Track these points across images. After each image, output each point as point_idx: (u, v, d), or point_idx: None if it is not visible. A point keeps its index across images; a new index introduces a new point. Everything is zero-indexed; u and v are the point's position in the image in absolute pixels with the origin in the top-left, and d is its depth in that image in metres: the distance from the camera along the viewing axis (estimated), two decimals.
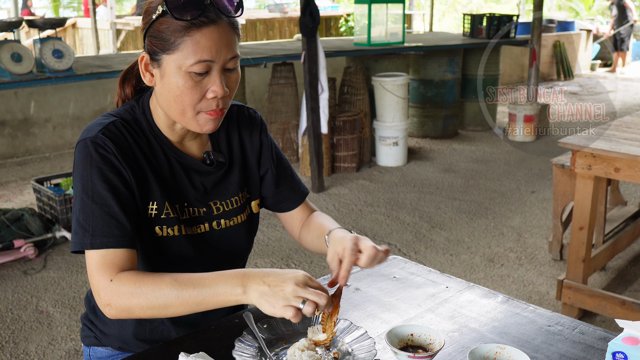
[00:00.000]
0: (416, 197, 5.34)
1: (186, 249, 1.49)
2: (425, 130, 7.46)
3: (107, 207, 1.35)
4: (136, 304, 1.29)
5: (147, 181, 1.44)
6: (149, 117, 1.48)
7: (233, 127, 1.61)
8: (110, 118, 1.44)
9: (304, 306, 1.21)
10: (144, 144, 1.45)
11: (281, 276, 1.24)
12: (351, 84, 6.12)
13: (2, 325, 3.37)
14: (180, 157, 1.49)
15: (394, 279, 1.75)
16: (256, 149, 1.63)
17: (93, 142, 1.38)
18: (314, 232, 1.63)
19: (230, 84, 1.39)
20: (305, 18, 5.17)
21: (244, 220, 1.60)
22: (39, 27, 4.47)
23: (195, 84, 1.34)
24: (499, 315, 1.55)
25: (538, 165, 6.28)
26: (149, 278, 1.30)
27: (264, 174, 1.65)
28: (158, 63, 1.36)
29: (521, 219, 4.86)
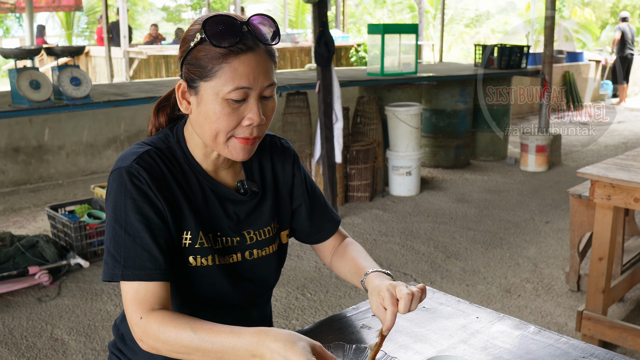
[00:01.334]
0: (430, 227, 5.32)
1: (219, 279, 1.49)
2: (437, 160, 7.46)
3: (139, 239, 1.35)
4: (162, 347, 1.29)
5: (181, 211, 1.44)
6: (183, 146, 1.48)
7: (266, 156, 1.61)
8: (144, 147, 1.44)
9: None
10: (178, 173, 1.45)
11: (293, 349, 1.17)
12: (364, 113, 6.14)
13: (17, 353, 3.35)
14: (215, 186, 1.49)
15: (423, 309, 1.73)
16: (288, 181, 1.64)
17: (128, 171, 1.38)
18: (348, 267, 1.65)
19: (267, 111, 1.39)
20: (321, 48, 5.21)
21: (275, 250, 1.61)
22: (57, 54, 4.51)
23: (232, 110, 1.34)
24: (532, 347, 1.53)
25: (551, 196, 6.25)
26: (172, 324, 1.28)
27: (296, 208, 1.66)
28: (195, 90, 1.37)
29: (536, 250, 4.83)
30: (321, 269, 4.42)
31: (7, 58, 4.40)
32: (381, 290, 1.42)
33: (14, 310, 3.83)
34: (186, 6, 23.87)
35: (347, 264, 1.65)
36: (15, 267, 4.17)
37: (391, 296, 1.39)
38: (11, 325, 3.65)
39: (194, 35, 1.36)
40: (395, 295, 1.40)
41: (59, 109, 4.34)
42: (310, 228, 1.69)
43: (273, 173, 1.61)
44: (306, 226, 1.68)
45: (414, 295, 1.40)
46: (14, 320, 3.71)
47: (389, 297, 1.39)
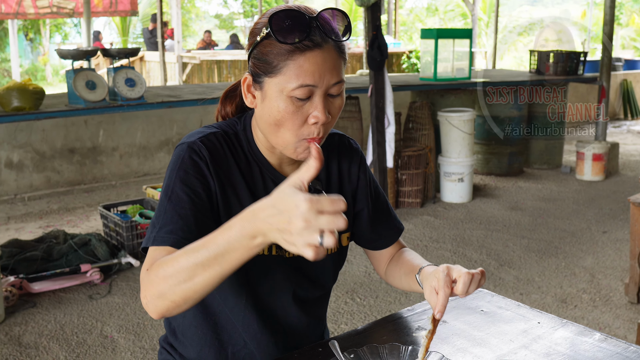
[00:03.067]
0: (483, 234, 5.20)
1: (272, 270, 1.45)
2: (489, 167, 7.31)
3: (179, 207, 1.31)
4: (165, 286, 1.17)
5: (238, 196, 1.40)
6: (249, 136, 1.45)
7: (333, 155, 1.56)
8: (212, 129, 1.43)
9: (325, 239, 0.99)
10: (241, 160, 1.43)
11: (283, 216, 1.01)
12: (416, 119, 6.06)
13: (68, 348, 3.38)
14: (277, 178, 1.45)
15: (481, 312, 1.66)
16: (353, 183, 1.58)
17: (190, 147, 1.37)
18: (403, 269, 1.58)
19: (333, 110, 1.34)
20: (374, 51, 5.16)
21: (334, 252, 1.56)
22: (113, 56, 4.58)
23: (297, 108, 1.29)
24: (599, 354, 1.45)
25: (609, 205, 6.06)
26: (169, 256, 1.19)
27: (359, 211, 1.61)
28: (260, 85, 1.33)
29: (594, 260, 4.67)
30: (371, 274, 4.35)
31: (64, 59, 4.48)
32: (436, 273, 1.35)
33: (66, 306, 3.87)
34: (238, 14, 24.14)
35: (401, 267, 1.59)
36: (68, 264, 4.22)
37: (446, 277, 1.31)
38: (62, 321, 3.69)
39: (261, 29, 1.32)
40: (451, 277, 1.32)
41: (113, 109, 4.39)
42: (371, 234, 1.63)
43: (339, 173, 1.56)
44: (367, 231, 1.62)
45: (474, 276, 1.32)
46: (65, 316, 3.75)
47: (444, 277, 1.31)
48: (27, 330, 3.57)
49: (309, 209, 0.99)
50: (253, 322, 1.49)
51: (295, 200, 1.00)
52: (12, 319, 3.70)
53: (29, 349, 3.38)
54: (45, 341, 3.47)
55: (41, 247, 4.38)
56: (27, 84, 4.22)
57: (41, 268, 4.18)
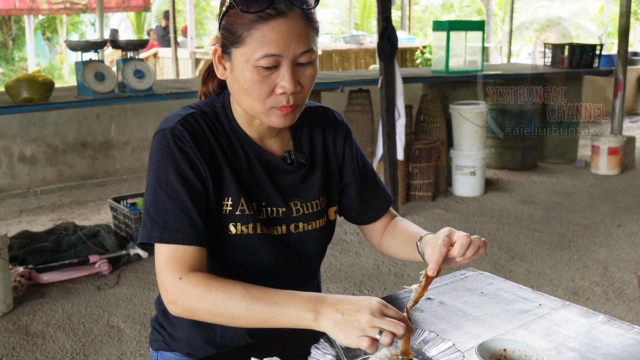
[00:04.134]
0: (494, 228, 5.14)
1: (259, 250, 1.42)
2: (503, 161, 7.24)
3: (179, 201, 1.30)
4: (203, 308, 1.24)
5: (222, 176, 1.38)
6: (228, 112, 1.43)
7: (317, 128, 1.53)
8: (189, 110, 1.41)
9: (381, 337, 1.12)
10: (222, 138, 1.41)
11: (356, 304, 1.16)
12: (428, 111, 6.01)
13: (74, 338, 3.38)
14: (260, 153, 1.43)
15: (481, 294, 1.62)
16: (339, 157, 1.56)
17: (171, 133, 1.34)
18: (400, 238, 1.55)
19: (304, 79, 1.31)
20: (384, 43, 5.12)
21: (322, 226, 1.52)
22: (122, 48, 4.57)
23: (263, 78, 1.27)
24: (600, 336, 1.41)
25: (624, 199, 5.97)
26: (220, 284, 1.24)
27: (346, 185, 1.58)
28: (229, 56, 1.32)
29: (607, 253, 4.60)
30: (379, 266, 4.32)
31: (73, 50, 4.48)
32: (437, 234, 1.34)
33: (74, 297, 3.87)
34: None
35: (398, 236, 1.55)
36: (77, 255, 4.23)
37: (445, 237, 1.31)
38: (70, 311, 3.69)
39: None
40: (450, 238, 1.31)
41: (122, 100, 4.39)
42: (360, 207, 1.60)
43: (324, 146, 1.53)
44: (356, 205, 1.59)
45: (472, 241, 1.30)
46: (72, 306, 3.75)
47: (443, 237, 1.30)
48: (35, 320, 3.58)
49: (379, 308, 1.14)
50: None
51: (371, 300, 1.16)
52: (20, 308, 3.71)
53: (36, 338, 3.38)
54: (52, 330, 3.47)
55: (50, 238, 4.39)
56: (37, 75, 4.22)
57: (50, 259, 4.19)
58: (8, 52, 18.34)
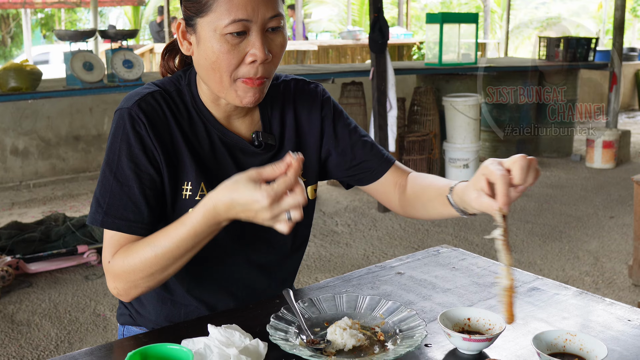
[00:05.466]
0: (485, 219, 5.12)
1: (222, 236, 1.32)
2: (497, 155, 7.19)
3: (127, 187, 1.26)
4: (137, 278, 1.24)
5: (181, 160, 1.32)
6: (193, 90, 1.36)
7: (289, 104, 1.44)
8: (151, 88, 1.34)
9: (292, 215, 1.09)
10: (183, 119, 1.34)
11: (249, 209, 1.11)
12: (421, 103, 5.99)
13: (60, 326, 3.36)
14: (224, 134, 1.36)
15: (453, 269, 1.60)
16: (316, 129, 1.46)
17: (128, 114, 1.28)
18: (425, 195, 1.37)
19: (274, 47, 1.24)
20: (375, 34, 5.10)
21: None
22: (111, 38, 4.55)
23: (232, 47, 1.20)
24: (570, 307, 1.39)
25: (618, 192, 5.95)
26: (132, 249, 1.24)
27: (328, 156, 1.48)
28: (193, 28, 1.25)
29: (598, 243, 4.58)
30: (369, 257, 4.30)
31: (62, 40, 4.47)
32: (483, 170, 1.15)
33: (61, 286, 3.86)
34: None
35: (423, 193, 1.38)
36: (65, 245, 4.21)
37: (498, 166, 1.12)
38: (57, 300, 3.67)
39: None
40: (503, 165, 1.12)
41: (110, 90, 4.37)
42: (355, 165, 1.47)
43: (296, 124, 1.44)
44: (349, 163, 1.47)
45: (531, 162, 1.12)
46: (59, 295, 3.73)
47: (496, 168, 1.12)
48: (21, 309, 3.56)
49: (270, 203, 1.08)
50: (203, 286, 1.42)
51: (254, 196, 1.09)
52: (7, 297, 3.69)
53: (21, 326, 3.36)
54: (37, 319, 3.45)
55: (39, 229, 4.37)
56: (24, 64, 4.21)
57: (39, 249, 4.17)
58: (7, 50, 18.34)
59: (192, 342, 1.14)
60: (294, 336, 1.20)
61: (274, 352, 1.13)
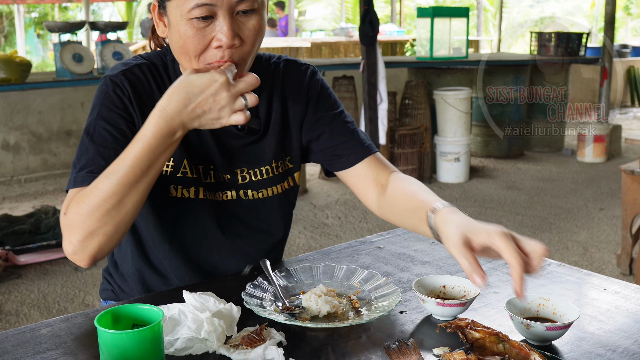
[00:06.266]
0: (476, 211, 5.13)
1: (201, 216, 1.34)
2: (489, 149, 7.23)
3: (103, 148, 1.23)
4: (92, 221, 1.13)
5: None
6: (177, 67, 1.35)
7: (277, 87, 1.41)
8: (138, 60, 1.34)
9: (247, 100, 1.10)
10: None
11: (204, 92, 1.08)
12: (412, 97, 6.00)
13: (48, 315, 3.36)
14: None
15: (432, 243, 1.61)
16: (302, 112, 1.42)
17: (112, 81, 1.28)
18: (406, 204, 1.30)
19: (246, 32, 1.20)
20: (365, 26, 5.10)
21: (280, 193, 1.42)
22: (100, 30, 4.55)
23: (198, 31, 1.17)
24: (548, 276, 1.40)
25: (608, 185, 5.97)
26: (87, 189, 1.16)
27: (309, 139, 1.44)
28: (165, 11, 1.23)
29: (588, 234, 4.59)
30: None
31: (52, 32, 4.47)
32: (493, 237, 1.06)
33: (50, 277, 3.85)
34: None
35: (403, 200, 1.31)
36: (55, 237, 4.20)
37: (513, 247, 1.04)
38: (46, 291, 3.67)
39: None
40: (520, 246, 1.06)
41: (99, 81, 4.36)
42: (333, 148, 1.41)
43: (282, 108, 1.41)
44: (323, 144, 1.42)
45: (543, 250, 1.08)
46: (49, 286, 3.73)
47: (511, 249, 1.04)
48: (10, 299, 3.55)
49: (227, 79, 1.07)
50: (182, 268, 1.41)
51: (209, 77, 1.08)
52: None
53: (9, 316, 3.36)
54: (26, 309, 3.45)
55: (29, 221, 4.37)
56: (14, 56, 4.20)
57: (28, 241, 4.17)
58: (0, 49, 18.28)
59: (167, 308, 1.14)
60: (269, 303, 1.21)
61: (249, 317, 1.14)
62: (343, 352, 1.07)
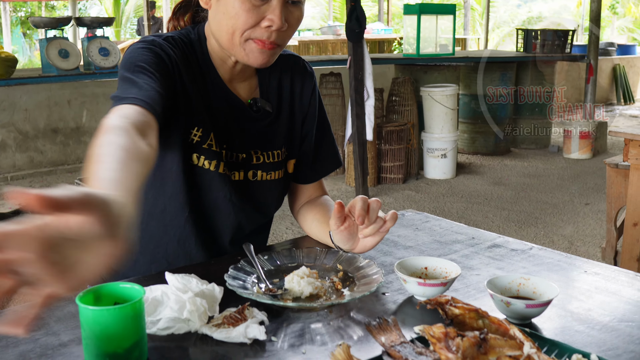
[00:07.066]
0: (463, 207, 5.16)
1: (216, 188, 1.39)
2: (476, 146, 7.26)
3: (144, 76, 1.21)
4: None
5: (195, 104, 1.34)
6: (203, 45, 1.39)
7: (286, 77, 1.50)
8: (167, 34, 1.37)
9: None
10: (196, 68, 1.37)
11: None
12: (399, 94, 6.02)
13: None
14: (228, 95, 1.40)
15: (415, 229, 1.62)
16: (304, 107, 1.52)
17: (152, 42, 1.29)
18: (318, 215, 1.49)
19: (291, 19, 1.29)
20: (352, 23, 5.11)
21: (281, 177, 1.50)
22: (87, 25, 4.54)
23: (253, 7, 1.25)
24: (529, 259, 1.41)
25: (594, 180, 6.01)
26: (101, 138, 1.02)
27: (306, 134, 1.54)
28: None
29: (573, 229, 4.63)
30: None
31: (37, 27, 4.45)
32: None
33: None
34: None
35: (317, 212, 1.50)
36: None
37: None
38: None
39: None
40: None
41: (85, 77, 4.36)
42: (312, 163, 1.56)
43: (291, 94, 1.50)
44: (309, 158, 1.55)
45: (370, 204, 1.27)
46: None
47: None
48: None
49: None
50: (191, 238, 1.44)
51: None
52: None
53: None
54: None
55: (15, 218, 4.34)
56: None
57: None
58: None
59: (149, 289, 1.14)
60: (251, 285, 1.21)
61: (231, 299, 1.14)
62: (325, 331, 1.07)
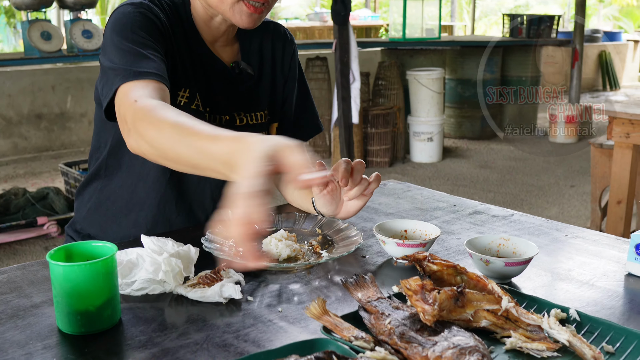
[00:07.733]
0: (449, 189, 5.16)
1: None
2: (462, 131, 7.26)
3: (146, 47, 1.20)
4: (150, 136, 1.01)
5: (181, 65, 1.33)
6: (187, 8, 1.37)
7: (267, 41, 1.50)
8: None
9: None
10: (180, 30, 1.35)
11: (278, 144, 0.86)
12: (386, 78, 6.00)
13: None
14: (211, 58, 1.39)
15: (397, 198, 1.61)
16: (285, 72, 1.53)
17: (139, 3, 1.26)
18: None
19: None
20: (337, 5, 5.08)
21: None
22: (69, 7, 4.48)
23: None
24: (510, 224, 1.41)
25: (579, 163, 6.04)
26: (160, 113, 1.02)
27: (286, 99, 1.55)
28: None
29: (558, 210, 4.64)
30: None
31: (19, 9, 4.38)
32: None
33: (20, 257, 3.81)
34: None
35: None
36: (25, 217, 4.15)
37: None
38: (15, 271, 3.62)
39: None
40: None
41: (68, 59, 4.32)
42: (293, 126, 1.55)
43: (272, 59, 1.51)
44: (289, 122, 1.55)
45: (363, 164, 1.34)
46: None
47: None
48: None
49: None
50: (171, 202, 1.43)
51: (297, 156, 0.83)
52: None
53: None
54: None
55: None
56: None
57: None
58: None
59: (125, 252, 1.12)
60: (228, 249, 1.20)
61: (208, 262, 1.13)
62: (302, 291, 1.06)
